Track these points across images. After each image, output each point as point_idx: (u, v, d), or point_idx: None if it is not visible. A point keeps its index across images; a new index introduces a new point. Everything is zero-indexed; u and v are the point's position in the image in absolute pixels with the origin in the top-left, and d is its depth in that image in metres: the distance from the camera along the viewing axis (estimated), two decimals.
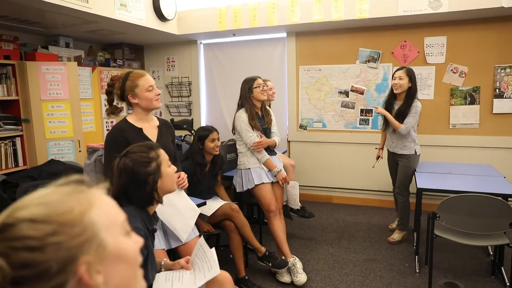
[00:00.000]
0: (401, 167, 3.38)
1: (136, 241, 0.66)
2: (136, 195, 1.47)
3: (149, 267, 1.45)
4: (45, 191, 0.58)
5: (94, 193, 0.61)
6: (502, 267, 2.79)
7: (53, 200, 0.56)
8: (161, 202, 1.55)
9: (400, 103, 3.27)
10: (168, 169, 1.56)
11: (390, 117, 3.26)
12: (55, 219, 0.54)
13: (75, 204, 0.56)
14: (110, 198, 0.64)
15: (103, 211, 0.60)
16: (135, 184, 1.46)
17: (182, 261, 1.70)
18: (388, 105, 3.36)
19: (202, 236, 1.80)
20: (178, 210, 2.02)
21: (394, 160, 3.49)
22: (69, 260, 0.53)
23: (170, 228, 2.01)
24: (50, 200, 0.56)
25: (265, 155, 2.90)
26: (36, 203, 0.55)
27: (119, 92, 2.04)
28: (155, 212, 1.58)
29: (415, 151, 3.32)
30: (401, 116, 3.22)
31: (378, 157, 3.66)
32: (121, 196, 1.45)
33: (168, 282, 1.58)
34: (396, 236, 3.48)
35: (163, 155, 1.56)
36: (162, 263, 1.71)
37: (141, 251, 0.67)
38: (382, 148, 3.66)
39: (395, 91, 3.27)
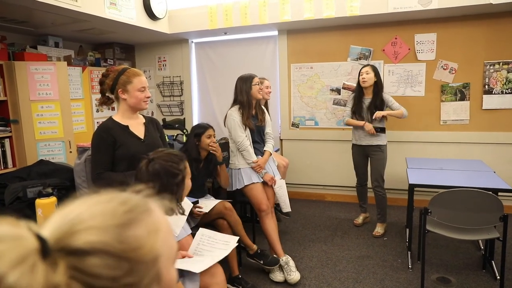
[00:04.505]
0: (376, 160, 3.51)
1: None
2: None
3: None
4: (112, 205, 0.52)
5: (157, 214, 0.56)
6: (493, 261, 2.82)
7: (124, 223, 0.50)
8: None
9: (369, 97, 3.48)
10: (188, 182, 1.64)
11: (391, 112, 3.42)
12: (129, 256, 0.49)
13: (145, 235, 0.52)
14: (166, 217, 0.59)
15: (165, 240, 0.55)
16: (161, 190, 1.50)
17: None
18: (358, 101, 3.53)
19: (201, 228, 1.82)
20: None
21: (365, 155, 3.60)
22: None
23: None
24: (121, 223, 0.50)
25: (251, 158, 2.90)
26: (106, 224, 0.49)
27: (111, 83, 2.03)
28: None
29: (386, 142, 3.53)
30: (377, 108, 3.42)
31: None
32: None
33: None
34: (379, 229, 3.54)
35: (188, 167, 1.63)
36: None
37: None
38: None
39: (362, 85, 3.46)
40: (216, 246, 1.71)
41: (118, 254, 0.48)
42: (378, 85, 3.43)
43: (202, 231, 1.72)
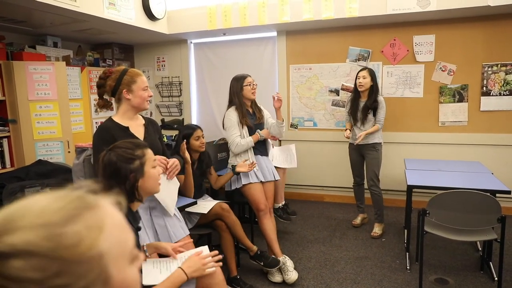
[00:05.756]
0: (371, 159, 3.55)
1: (139, 265, 0.57)
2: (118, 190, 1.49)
3: None
4: (45, 202, 0.48)
5: (103, 210, 0.52)
6: (491, 262, 2.83)
7: (56, 220, 0.46)
8: (142, 201, 1.55)
9: (364, 100, 3.56)
10: (152, 170, 1.55)
11: (370, 131, 3.48)
12: (60, 255, 0.44)
13: (83, 231, 0.47)
14: (119, 213, 0.55)
15: (113, 237, 0.50)
16: (116, 179, 1.47)
17: (168, 247, 1.72)
18: (354, 103, 3.60)
19: (206, 246, 1.84)
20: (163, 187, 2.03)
21: (360, 154, 3.65)
22: None
23: (161, 202, 2.02)
24: (52, 221, 0.46)
25: (249, 141, 2.91)
26: (34, 223, 0.45)
27: (113, 85, 2.02)
28: (137, 210, 1.59)
29: (382, 140, 3.59)
30: (369, 109, 3.51)
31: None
32: (107, 190, 1.46)
33: (156, 269, 1.63)
34: (377, 230, 3.56)
35: (149, 154, 1.55)
36: (145, 246, 1.71)
37: None
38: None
39: (359, 89, 3.55)
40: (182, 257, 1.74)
41: (46, 254, 0.44)
42: (373, 88, 3.50)
43: (203, 249, 1.77)
